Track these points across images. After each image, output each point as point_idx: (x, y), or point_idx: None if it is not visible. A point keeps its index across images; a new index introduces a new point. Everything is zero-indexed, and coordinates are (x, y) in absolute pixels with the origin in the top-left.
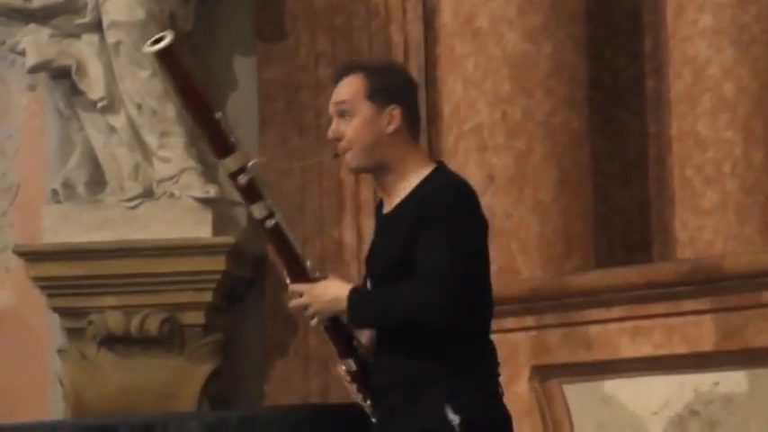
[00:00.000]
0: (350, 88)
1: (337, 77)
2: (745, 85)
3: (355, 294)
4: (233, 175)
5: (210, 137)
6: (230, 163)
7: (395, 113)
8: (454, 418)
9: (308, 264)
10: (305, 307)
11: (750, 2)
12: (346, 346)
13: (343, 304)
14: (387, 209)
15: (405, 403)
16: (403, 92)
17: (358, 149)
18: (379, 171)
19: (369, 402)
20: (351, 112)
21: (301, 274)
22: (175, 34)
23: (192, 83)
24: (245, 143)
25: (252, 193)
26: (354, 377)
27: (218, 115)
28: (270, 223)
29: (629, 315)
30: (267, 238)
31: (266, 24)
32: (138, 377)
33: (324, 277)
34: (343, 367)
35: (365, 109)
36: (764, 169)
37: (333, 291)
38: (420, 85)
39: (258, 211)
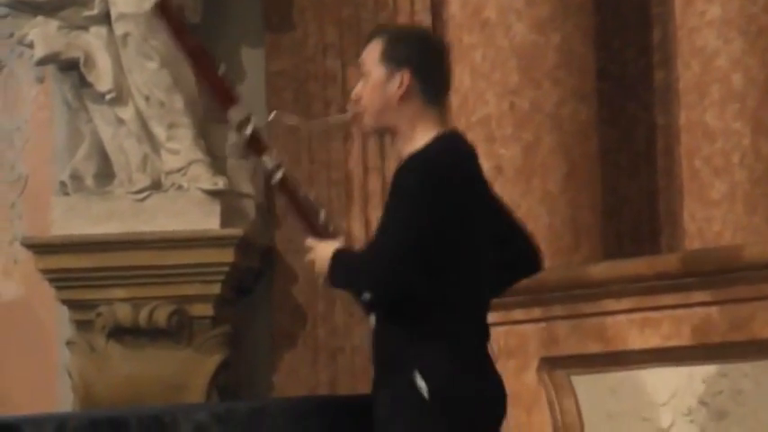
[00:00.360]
0: (369, 52)
1: (366, 41)
2: (754, 76)
3: (334, 257)
4: (239, 126)
5: (214, 88)
6: (235, 113)
7: (405, 78)
8: (422, 385)
9: (323, 215)
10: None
11: None
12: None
13: (326, 264)
14: None
15: (381, 374)
16: (417, 57)
17: (369, 112)
18: (391, 134)
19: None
20: (366, 74)
21: (314, 228)
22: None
23: (192, 37)
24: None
25: (257, 144)
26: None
27: (221, 69)
28: (277, 176)
29: (637, 306)
30: (277, 191)
31: (274, 15)
32: (146, 369)
33: (335, 232)
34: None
35: (377, 72)
36: None
37: (325, 250)
38: None
39: (267, 162)
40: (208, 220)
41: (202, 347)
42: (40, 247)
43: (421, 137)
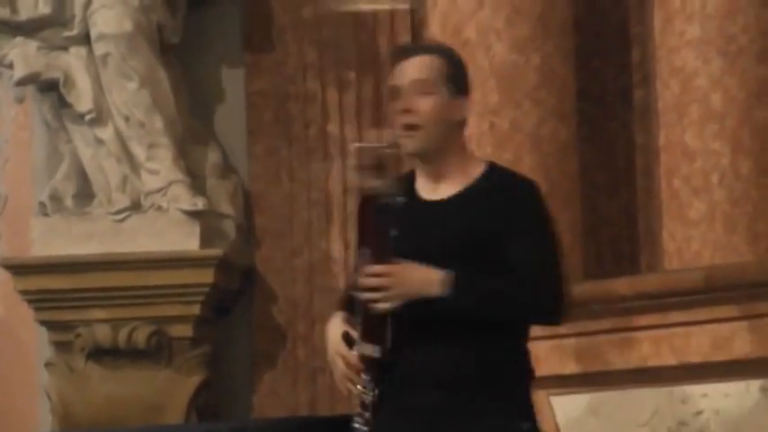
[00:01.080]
0: (431, 69)
1: (406, 54)
2: (733, 96)
3: (464, 278)
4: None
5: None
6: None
7: (466, 104)
8: (524, 425)
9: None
10: (383, 288)
11: (737, 13)
12: (380, 332)
13: (433, 288)
14: (433, 195)
15: (470, 403)
16: (470, 86)
17: (427, 130)
18: (438, 155)
19: (371, 394)
20: (429, 91)
21: (385, 255)
22: (163, 46)
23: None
24: (234, 154)
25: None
26: (370, 366)
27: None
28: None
29: (617, 326)
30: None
31: (254, 36)
32: (126, 390)
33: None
34: (357, 352)
35: (444, 92)
36: (752, 180)
37: (423, 273)
38: None
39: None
40: (187, 240)
41: (182, 368)
42: (20, 268)
43: (472, 161)
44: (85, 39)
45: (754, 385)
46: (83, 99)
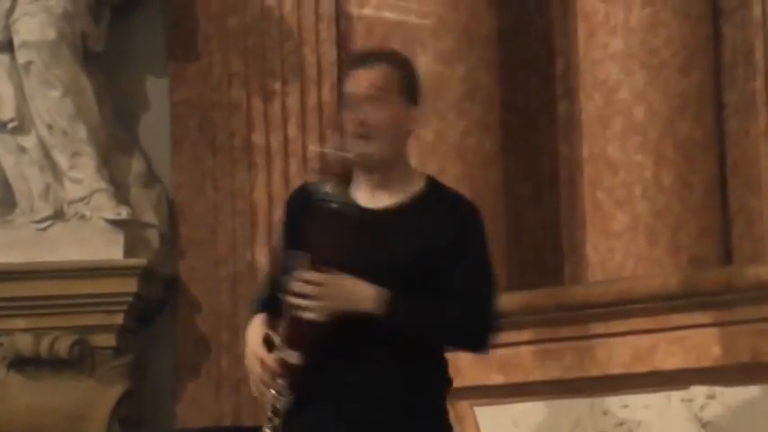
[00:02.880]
0: (387, 79)
1: (363, 63)
2: (656, 109)
3: (400, 299)
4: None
5: None
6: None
7: (416, 115)
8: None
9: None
10: (314, 296)
11: (660, 26)
12: (303, 339)
13: (368, 304)
14: (371, 203)
15: (395, 416)
16: (422, 96)
17: (382, 139)
18: (384, 165)
19: (285, 400)
20: (384, 102)
21: (324, 264)
22: (86, 54)
23: None
24: (158, 163)
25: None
26: (288, 371)
27: None
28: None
29: (539, 338)
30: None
31: (179, 45)
32: (47, 399)
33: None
34: (276, 356)
35: (399, 103)
36: (674, 192)
37: (358, 288)
38: (333, 106)
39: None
40: (111, 249)
41: (104, 378)
42: None
43: (415, 175)
44: (8, 46)
45: (676, 396)
46: (5, 107)
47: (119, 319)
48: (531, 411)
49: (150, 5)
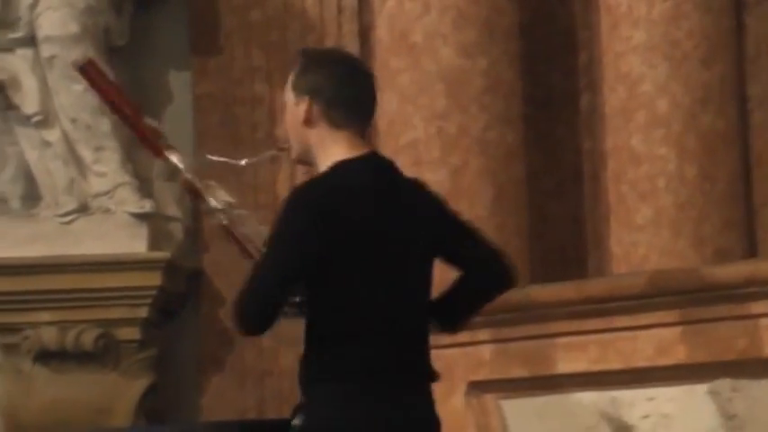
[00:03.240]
0: (289, 81)
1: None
2: (679, 101)
3: None
4: (171, 175)
5: (142, 141)
6: (166, 164)
7: (305, 105)
8: (297, 421)
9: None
10: None
11: (682, 18)
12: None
13: None
14: None
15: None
16: (320, 82)
17: (290, 141)
18: (307, 162)
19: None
20: (285, 106)
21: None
22: (109, 48)
23: (117, 92)
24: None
25: (193, 191)
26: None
27: (148, 121)
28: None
29: (564, 330)
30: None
31: (201, 39)
32: (73, 393)
33: None
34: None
35: (289, 100)
36: (697, 184)
37: None
38: None
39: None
40: (135, 243)
41: (129, 371)
42: None
43: (324, 164)
44: (31, 41)
45: (700, 389)
46: (29, 101)
47: (143, 312)
48: (556, 404)
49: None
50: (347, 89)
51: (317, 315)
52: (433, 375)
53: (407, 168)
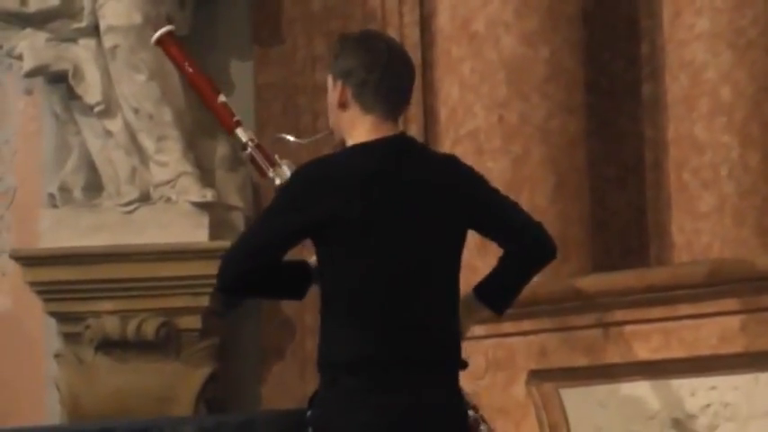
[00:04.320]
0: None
1: None
2: (742, 89)
3: None
4: (242, 148)
5: (216, 115)
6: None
7: (339, 88)
8: (308, 413)
9: None
10: None
11: (747, 5)
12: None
13: None
14: None
15: None
16: (352, 65)
17: (331, 119)
18: (341, 141)
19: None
20: (328, 86)
21: None
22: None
23: (195, 66)
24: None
25: (259, 164)
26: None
27: (221, 98)
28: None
29: (626, 319)
30: None
31: (263, 28)
32: (134, 381)
33: None
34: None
35: (329, 82)
36: (761, 172)
37: None
38: (417, 88)
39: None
40: (196, 232)
41: (190, 360)
42: (29, 260)
43: (349, 144)
44: (94, 31)
45: (764, 377)
46: (92, 91)
47: (204, 301)
48: (618, 393)
49: None
50: (377, 73)
51: (325, 299)
52: (454, 363)
53: (468, 157)
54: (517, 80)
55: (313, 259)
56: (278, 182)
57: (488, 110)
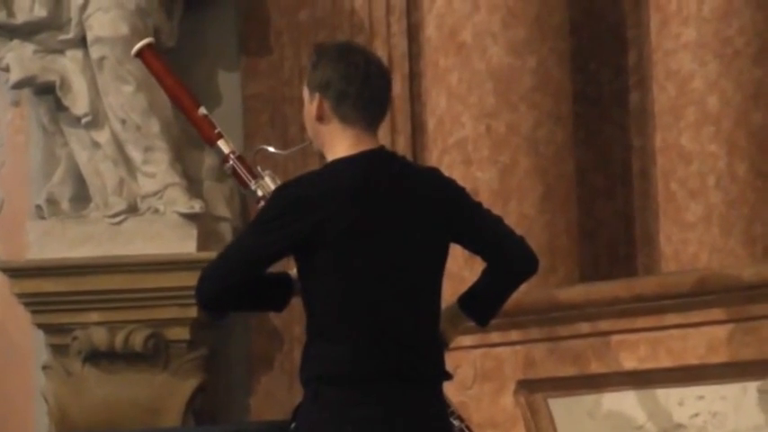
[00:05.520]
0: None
1: None
2: (729, 99)
3: None
4: (222, 162)
5: (197, 128)
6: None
7: (316, 100)
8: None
9: None
10: None
11: (733, 15)
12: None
13: None
14: None
15: None
16: (330, 78)
17: (311, 135)
18: (326, 155)
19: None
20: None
21: None
22: (159, 49)
23: (174, 79)
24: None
25: (240, 176)
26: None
27: (201, 110)
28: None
29: (613, 329)
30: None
31: (251, 39)
32: (122, 393)
33: None
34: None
35: (305, 95)
36: (748, 182)
37: None
38: (404, 99)
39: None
40: (184, 243)
41: (179, 371)
42: (16, 271)
43: (329, 160)
44: (82, 42)
45: (751, 387)
46: (79, 102)
47: (192, 312)
48: (606, 403)
49: (222, 0)
50: (356, 84)
51: (309, 311)
52: (438, 374)
53: (456, 167)
54: (505, 90)
55: (294, 271)
56: (260, 193)
57: (476, 120)
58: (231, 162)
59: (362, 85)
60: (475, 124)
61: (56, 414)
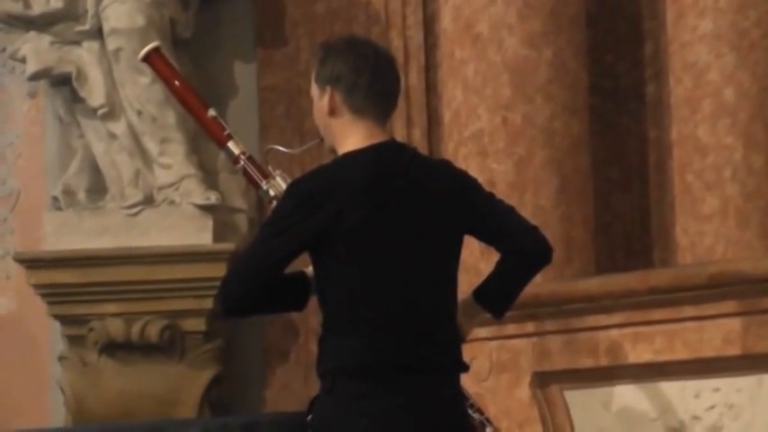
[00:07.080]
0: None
1: None
2: (746, 91)
3: None
4: (233, 162)
5: (206, 130)
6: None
7: (327, 94)
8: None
9: None
10: None
11: (750, 7)
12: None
13: None
14: None
15: None
16: (335, 72)
17: (322, 131)
18: (338, 150)
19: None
20: (313, 100)
21: None
22: (175, 41)
23: (183, 81)
24: (246, 149)
25: (251, 177)
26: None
27: (210, 111)
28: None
29: (629, 321)
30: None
31: (266, 30)
32: (138, 384)
33: None
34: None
35: (314, 92)
36: (765, 174)
37: None
38: (420, 90)
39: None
40: (200, 234)
41: (194, 362)
42: (32, 262)
43: (341, 152)
44: (98, 33)
45: (767, 379)
46: (95, 94)
47: (208, 303)
48: (622, 395)
49: None
50: (366, 75)
51: (324, 306)
52: (454, 366)
53: (472, 159)
54: (521, 82)
55: (310, 269)
56: (272, 193)
57: (492, 111)
58: (242, 163)
59: (373, 76)
60: (491, 116)
61: (72, 405)
